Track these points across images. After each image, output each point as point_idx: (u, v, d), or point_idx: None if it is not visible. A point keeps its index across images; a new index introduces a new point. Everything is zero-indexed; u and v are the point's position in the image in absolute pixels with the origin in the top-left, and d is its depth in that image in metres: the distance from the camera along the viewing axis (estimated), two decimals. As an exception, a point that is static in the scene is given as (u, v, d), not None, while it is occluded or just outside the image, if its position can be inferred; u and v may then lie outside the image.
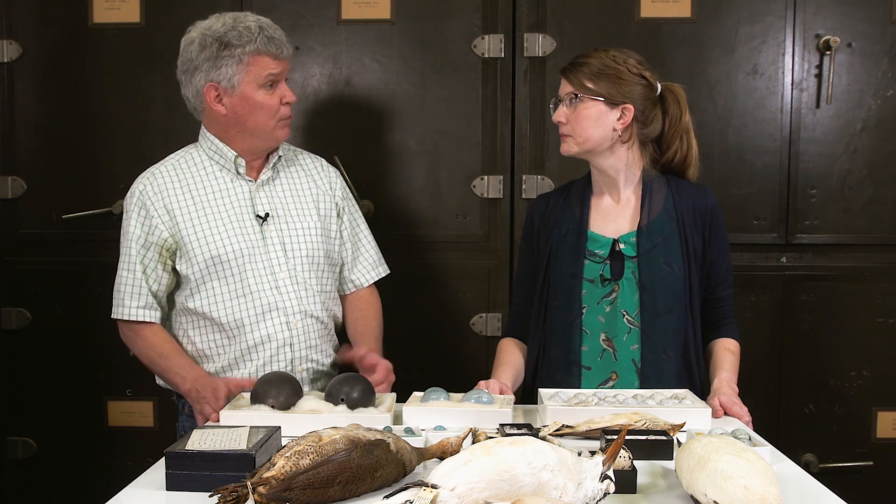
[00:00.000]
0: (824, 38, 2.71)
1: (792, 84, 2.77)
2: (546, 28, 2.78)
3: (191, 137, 2.78)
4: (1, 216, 2.90)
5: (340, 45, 2.82)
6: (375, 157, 2.84)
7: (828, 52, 2.72)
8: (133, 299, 2.09)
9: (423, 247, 2.86)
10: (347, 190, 2.32)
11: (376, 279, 2.32)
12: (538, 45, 2.78)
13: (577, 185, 2.23)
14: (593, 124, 2.06)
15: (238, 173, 2.14)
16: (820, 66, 2.75)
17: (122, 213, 2.82)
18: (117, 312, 2.11)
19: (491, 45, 2.78)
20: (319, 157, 2.32)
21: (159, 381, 2.19)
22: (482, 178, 2.83)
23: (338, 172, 2.31)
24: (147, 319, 2.10)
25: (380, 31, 2.81)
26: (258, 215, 2.12)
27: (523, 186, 2.82)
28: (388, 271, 2.35)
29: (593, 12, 2.78)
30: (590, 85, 2.05)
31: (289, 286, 2.11)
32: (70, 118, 2.86)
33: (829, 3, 2.74)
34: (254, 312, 2.08)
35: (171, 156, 2.19)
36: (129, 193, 2.14)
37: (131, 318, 2.09)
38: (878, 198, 2.79)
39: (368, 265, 2.30)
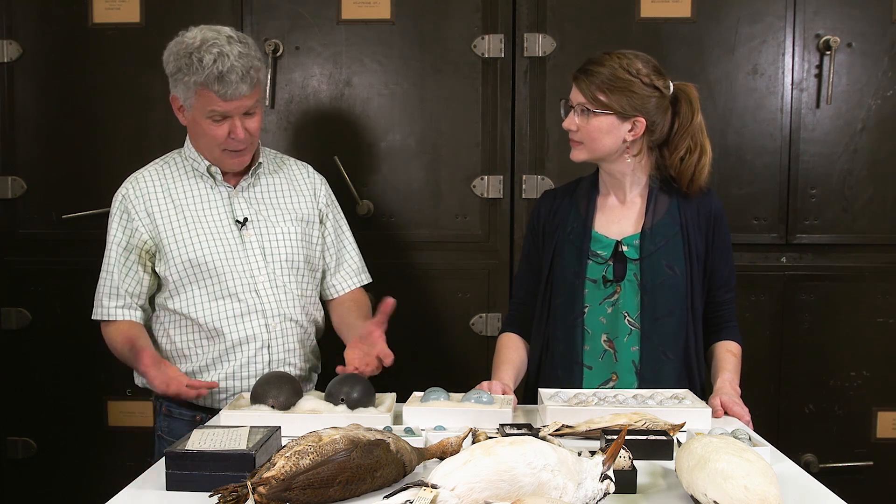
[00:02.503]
0: (824, 38, 2.71)
1: (792, 84, 2.76)
2: (546, 28, 2.78)
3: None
4: (1, 216, 2.90)
5: (340, 45, 2.82)
6: (375, 157, 2.84)
7: (828, 52, 2.72)
8: (111, 300, 2.13)
9: (423, 247, 2.86)
10: (333, 197, 2.32)
11: (358, 286, 2.32)
12: (538, 45, 2.78)
13: (584, 183, 2.22)
14: (605, 136, 2.05)
15: (215, 180, 2.15)
16: (820, 66, 2.75)
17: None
18: (97, 314, 2.15)
19: (491, 45, 2.78)
20: (306, 165, 2.32)
21: (138, 381, 2.20)
22: (482, 178, 2.83)
23: (323, 179, 2.32)
24: (125, 318, 2.13)
25: (380, 31, 2.81)
26: (237, 220, 2.13)
27: (523, 186, 2.82)
28: (370, 280, 2.35)
29: (593, 12, 2.77)
30: (602, 98, 2.02)
31: (268, 289, 2.12)
32: (70, 118, 2.86)
33: (829, 3, 2.74)
34: (233, 314, 2.09)
35: (156, 161, 2.22)
36: (113, 198, 2.16)
37: (110, 318, 2.13)
38: (878, 198, 2.79)
39: (351, 272, 2.31)
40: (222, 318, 2.09)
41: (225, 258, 2.10)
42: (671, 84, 2.08)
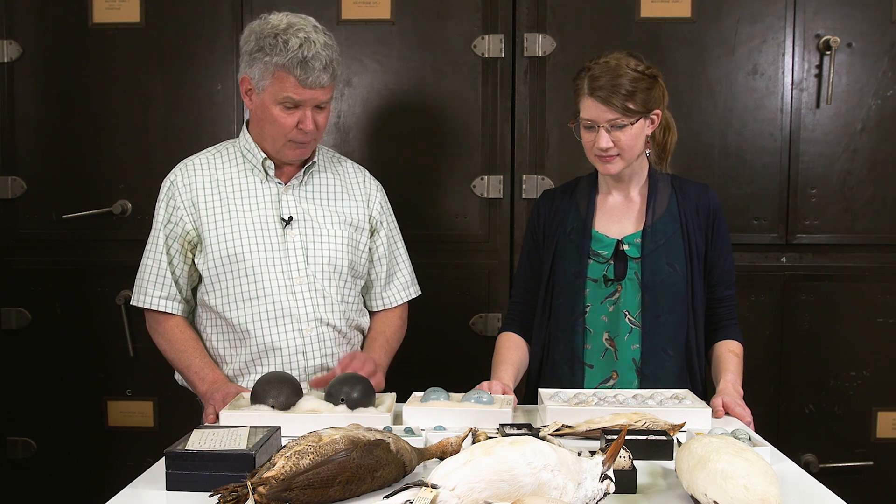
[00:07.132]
0: (824, 38, 2.71)
1: (792, 84, 2.76)
2: (546, 28, 2.78)
3: (191, 138, 2.78)
4: (1, 216, 2.90)
5: (340, 45, 2.78)
6: (375, 157, 2.83)
7: (828, 52, 2.72)
8: (156, 289, 2.08)
9: (422, 246, 2.86)
10: (388, 207, 2.26)
11: (406, 300, 2.29)
12: (538, 45, 2.78)
13: (583, 183, 2.23)
14: (638, 141, 2.06)
15: (267, 175, 2.11)
16: (820, 66, 2.75)
17: (121, 213, 2.83)
18: (139, 301, 2.10)
19: (491, 45, 2.78)
20: (364, 169, 2.27)
21: (178, 378, 2.17)
22: (482, 178, 2.83)
23: (380, 186, 2.25)
24: (168, 310, 2.09)
25: (380, 31, 2.81)
26: (282, 218, 2.08)
27: (523, 186, 2.82)
28: (420, 293, 2.32)
29: (593, 12, 2.78)
30: (631, 106, 2.01)
31: (305, 292, 2.06)
32: (70, 118, 2.86)
33: (829, 3, 2.74)
34: (265, 317, 2.05)
35: (209, 148, 2.17)
36: (162, 183, 2.12)
37: (152, 308, 2.08)
38: (878, 198, 2.79)
39: (401, 286, 2.27)
40: (254, 319, 2.04)
41: (264, 256, 2.05)
42: None
